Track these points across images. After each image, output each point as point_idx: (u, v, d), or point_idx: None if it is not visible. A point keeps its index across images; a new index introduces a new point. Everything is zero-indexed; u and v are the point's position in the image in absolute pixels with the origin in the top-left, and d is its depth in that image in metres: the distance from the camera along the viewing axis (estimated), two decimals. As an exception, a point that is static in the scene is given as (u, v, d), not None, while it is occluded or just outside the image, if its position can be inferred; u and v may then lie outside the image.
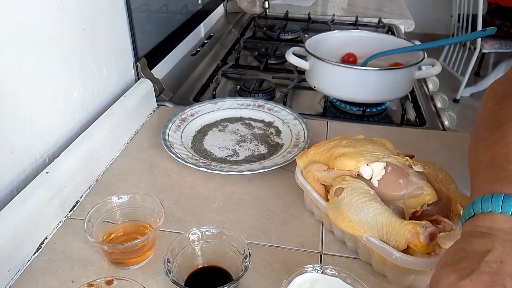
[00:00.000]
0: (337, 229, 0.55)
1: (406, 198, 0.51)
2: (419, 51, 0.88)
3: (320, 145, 0.59)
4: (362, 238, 0.49)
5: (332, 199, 0.52)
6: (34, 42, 0.59)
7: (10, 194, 0.56)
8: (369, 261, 0.52)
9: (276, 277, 0.51)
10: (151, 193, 0.56)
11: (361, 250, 0.52)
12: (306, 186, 0.57)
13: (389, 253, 0.46)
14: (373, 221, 0.48)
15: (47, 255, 0.54)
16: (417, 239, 0.45)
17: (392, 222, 0.47)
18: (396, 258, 0.46)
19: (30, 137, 0.60)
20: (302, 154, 0.60)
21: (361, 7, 1.66)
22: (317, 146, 0.59)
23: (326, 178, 0.55)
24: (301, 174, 0.59)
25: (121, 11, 0.81)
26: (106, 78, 0.78)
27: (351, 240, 0.54)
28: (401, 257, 0.46)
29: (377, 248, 0.48)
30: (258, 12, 1.57)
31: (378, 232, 0.48)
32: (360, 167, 0.52)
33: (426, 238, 0.45)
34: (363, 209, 0.48)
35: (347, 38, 1.01)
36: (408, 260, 0.46)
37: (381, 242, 0.47)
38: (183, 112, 0.81)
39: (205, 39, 1.29)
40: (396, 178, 0.52)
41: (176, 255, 0.48)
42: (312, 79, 0.91)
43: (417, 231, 0.45)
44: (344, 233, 0.54)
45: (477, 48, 2.62)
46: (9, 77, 0.55)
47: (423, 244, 0.45)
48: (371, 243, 0.48)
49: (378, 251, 0.48)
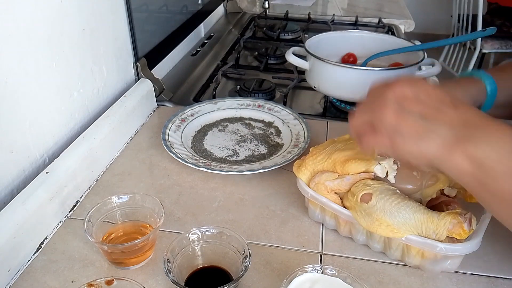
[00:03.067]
0: (361, 234, 0.55)
1: (423, 189, 0.52)
2: (419, 51, 0.88)
3: (315, 154, 0.57)
4: (401, 238, 0.49)
5: (360, 206, 0.51)
6: (34, 42, 0.59)
7: (10, 194, 0.56)
8: (401, 258, 0.53)
9: (276, 277, 0.51)
10: (151, 193, 0.56)
11: (393, 249, 0.53)
12: (321, 198, 0.54)
13: (433, 246, 0.48)
14: (411, 220, 0.49)
15: (47, 255, 0.54)
16: (460, 228, 0.47)
17: (430, 216, 0.48)
18: (441, 249, 0.48)
19: (30, 137, 0.60)
20: (299, 166, 0.58)
21: (361, 7, 1.66)
22: (313, 155, 0.57)
23: (340, 186, 0.53)
24: (308, 187, 0.56)
25: (121, 11, 0.81)
26: (106, 78, 0.78)
27: (380, 242, 0.53)
28: (446, 247, 0.48)
29: (419, 244, 0.49)
30: (258, 12, 1.57)
31: (416, 229, 0.49)
32: (374, 167, 0.52)
33: (469, 225, 0.47)
34: (400, 211, 0.49)
35: (347, 38, 1.01)
36: (454, 248, 0.48)
37: (422, 238, 0.49)
38: (183, 112, 0.81)
39: (205, 39, 1.29)
40: (409, 171, 0.52)
41: (176, 255, 0.48)
42: (312, 79, 0.91)
43: (459, 221, 0.47)
44: (371, 237, 0.54)
45: (477, 48, 2.62)
46: (9, 77, 0.55)
47: (466, 232, 0.47)
48: (411, 241, 0.49)
49: (420, 247, 0.50)
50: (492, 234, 0.57)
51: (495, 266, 0.53)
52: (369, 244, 0.55)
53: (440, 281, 0.51)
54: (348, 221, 0.54)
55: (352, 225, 0.55)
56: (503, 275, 0.52)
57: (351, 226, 0.55)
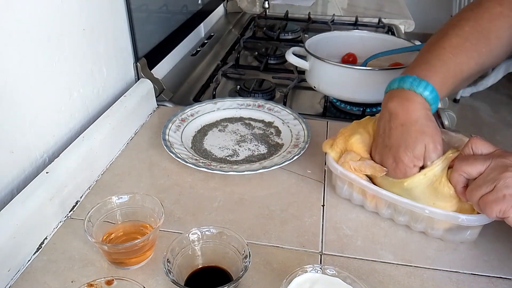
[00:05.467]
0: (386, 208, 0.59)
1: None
2: (419, 51, 0.88)
3: (344, 134, 0.62)
4: (424, 211, 0.54)
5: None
6: (34, 42, 0.59)
7: (10, 194, 0.56)
8: (424, 230, 0.57)
9: (276, 277, 0.51)
10: (151, 193, 0.56)
11: (419, 221, 0.57)
12: (350, 175, 0.59)
13: (455, 218, 0.53)
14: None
15: (47, 255, 0.54)
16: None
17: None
18: (462, 220, 0.52)
19: (30, 137, 0.60)
20: (330, 145, 0.62)
21: (361, 7, 1.66)
22: (343, 135, 0.62)
23: (361, 167, 0.58)
24: (337, 164, 0.61)
25: (121, 11, 0.81)
26: (106, 78, 0.78)
27: (405, 215, 0.57)
28: (468, 218, 0.52)
29: (442, 216, 0.53)
30: (258, 12, 1.57)
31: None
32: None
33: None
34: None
35: (347, 38, 1.01)
36: (474, 219, 0.52)
37: (444, 210, 0.53)
38: (183, 112, 0.81)
39: (205, 39, 1.29)
40: None
41: (176, 255, 0.48)
42: (312, 79, 0.91)
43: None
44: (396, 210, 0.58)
45: (477, 48, 2.62)
46: (9, 77, 0.55)
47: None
48: (434, 214, 0.54)
49: (443, 219, 0.54)
50: (492, 234, 0.57)
51: (495, 266, 0.53)
52: (393, 217, 0.59)
53: (440, 281, 0.51)
54: (375, 195, 0.58)
55: (379, 200, 0.59)
56: (503, 275, 0.52)
57: (378, 201, 0.59)
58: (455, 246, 0.56)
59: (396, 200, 0.56)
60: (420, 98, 0.53)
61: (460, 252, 0.55)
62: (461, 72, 0.56)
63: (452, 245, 0.56)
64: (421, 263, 0.54)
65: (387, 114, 0.55)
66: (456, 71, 0.55)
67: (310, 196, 0.64)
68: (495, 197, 0.46)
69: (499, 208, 0.46)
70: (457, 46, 0.55)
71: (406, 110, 0.53)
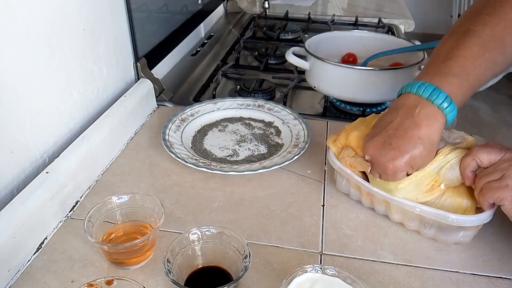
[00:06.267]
0: (380, 205, 0.59)
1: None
2: (419, 51, 0.88)
3: (347, 130, 0.62)
4: (415, 209, 0.54)
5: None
6: (34, 42, 0.59)
7: (10, 194, 0.56)
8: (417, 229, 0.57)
9: (276, 277, 0.51)
10: (151, 193, 0.56)
11: (411, 219, 0.57)
12: (346, 170, 0.60)
13: (445, 217, 0.52)
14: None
15: (47, 255, 0.54)
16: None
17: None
18: (452, 219, 0.52)
19: (30, 137, 0.60)
20: (334, 141, 0.63)
21: (361, 7, 1.66)
22: (346, 132, 0.62)
23: (354, 163, 0.58)
24: (337, 159, 0.62)
25: (121, 11, 0.81)
26: (106, 78, 0.78)
27: (398, 212, 0.57)
28: (457, 218, 0.52)
29: (432, 215, 0.53)
30: (258, 12, 1.57)
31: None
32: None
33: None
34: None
35: (347, 38, 1.01)
36: (465, 219, 0.52)
37: (434, 209, 0.53)
38: (183, 112, 0.81)
39: (205, 39, 1.29)
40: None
41: (176, 255, 0.48)
42: (312, 79, 0.91)
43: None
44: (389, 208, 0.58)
45: (477, 48, 2.62)
46: (9, 77, 0.55)
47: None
48: (425, 212, 0.53)
49: (433, 218, 0.53)
50: (492, 234, 0.57)
51: (495, 266, 0.53)
52: (388, 214, 0.59)
53: (440, 281, 0.51)
54: (370, 193, 0.59)
55: (373, 197, 0.59)
56: (503, 275, 0.52)
57: (372, 198, 0.60)
58: (455, 246, 0.56)
59: (386, 197, 0.56)
60: (444, 120, 0.52)
61: (460, 252, 0.55)
62: (479, 85, 0.56)
63: (452, 245, 0.56)
64: (421, 263, 0.54)
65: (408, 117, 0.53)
66: (475, 84, 0.55)
67: (310, 196, 0.64)
68: (499, 185, 0.48)
69: (499, 195, 0.48)
70: (478, 56, 0.54)
71: (430, 128, 0.52)
